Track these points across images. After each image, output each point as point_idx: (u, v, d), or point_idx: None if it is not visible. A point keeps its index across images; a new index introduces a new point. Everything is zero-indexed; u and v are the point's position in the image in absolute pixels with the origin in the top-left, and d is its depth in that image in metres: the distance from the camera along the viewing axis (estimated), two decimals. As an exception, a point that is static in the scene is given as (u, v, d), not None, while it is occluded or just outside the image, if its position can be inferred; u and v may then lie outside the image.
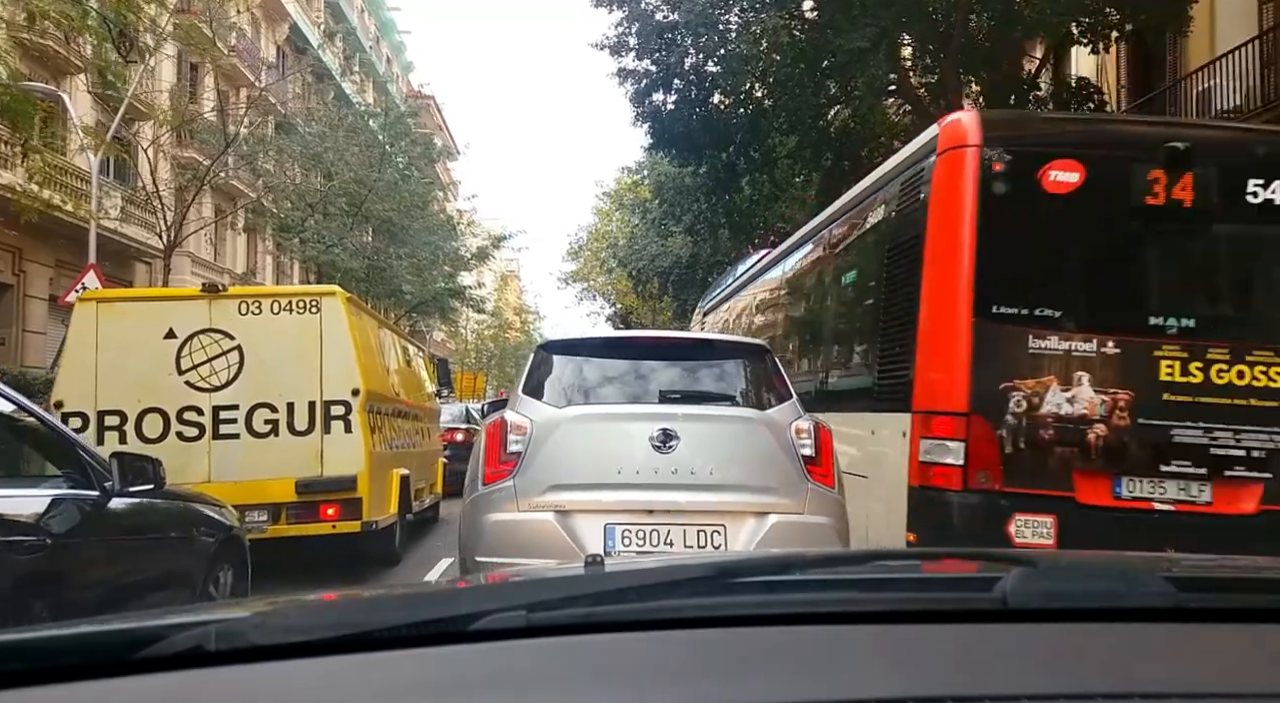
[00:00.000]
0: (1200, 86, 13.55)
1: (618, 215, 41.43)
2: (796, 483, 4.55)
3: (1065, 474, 4.90)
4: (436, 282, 28.70)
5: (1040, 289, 5.08)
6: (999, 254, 5.06)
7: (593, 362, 5.11)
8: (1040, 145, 5.18)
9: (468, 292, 32.71)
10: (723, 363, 5.21)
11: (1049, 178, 5.00)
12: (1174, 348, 4.95)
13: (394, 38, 47.90)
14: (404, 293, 26.97)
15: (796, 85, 12.05)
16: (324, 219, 22.48)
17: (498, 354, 54.59)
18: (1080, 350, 4.99)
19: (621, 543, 4.34)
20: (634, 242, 33.41)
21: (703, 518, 4.44)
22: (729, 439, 4.67)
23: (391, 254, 24.99)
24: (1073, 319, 5.00)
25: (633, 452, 4.51)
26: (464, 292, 32.02)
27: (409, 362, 10.46)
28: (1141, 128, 6.45)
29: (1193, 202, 4.96)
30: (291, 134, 23.83)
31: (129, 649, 0.94)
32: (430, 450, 10.90)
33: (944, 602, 1.11)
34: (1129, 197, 5.01)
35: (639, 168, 32.16)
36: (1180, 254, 5.23)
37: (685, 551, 4.31)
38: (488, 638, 0.95)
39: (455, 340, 50.92)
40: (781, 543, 4.37)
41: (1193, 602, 1.06)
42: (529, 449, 4.55)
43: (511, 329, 61.71)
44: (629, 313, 47.62)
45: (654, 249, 30.43)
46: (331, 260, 22.13)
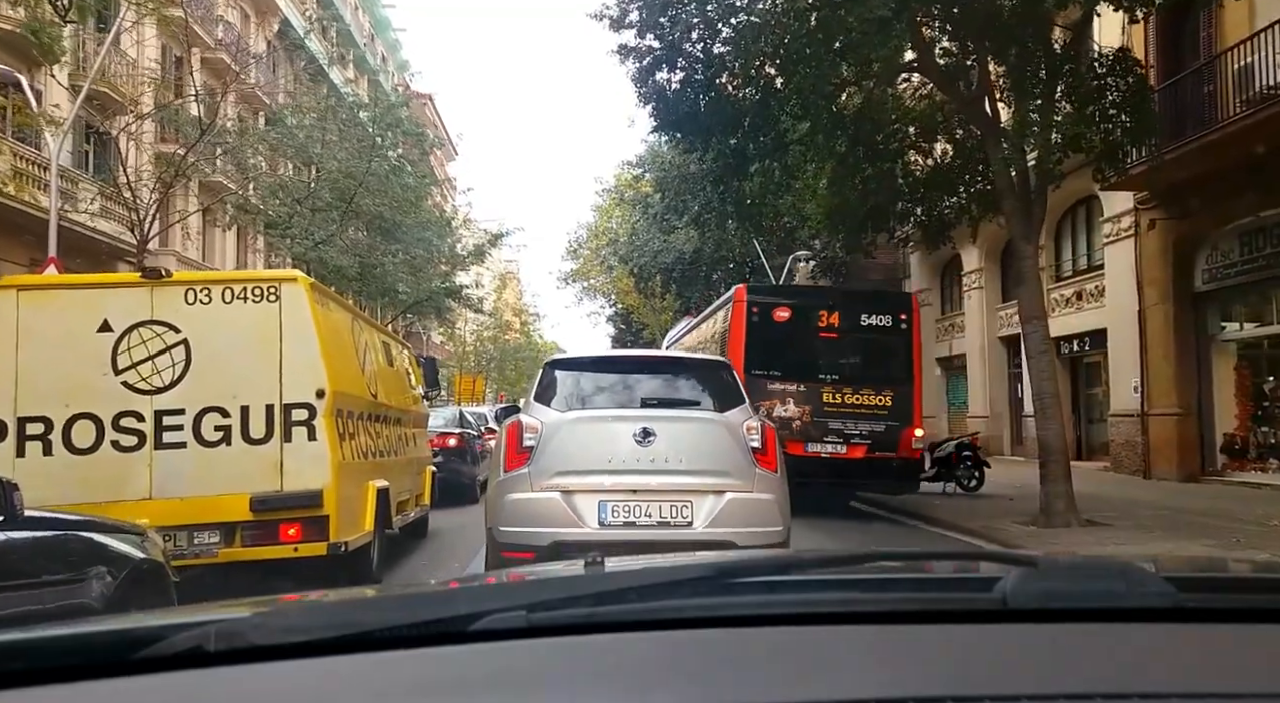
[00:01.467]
0: (1238, 63, 12.71)
1: (618, 212, 40.36)
2: (747, 468, 5.84)
3: (788, 440, 9.94)
4: (432, 281, 27.79)
5: (772, 360, 12.00)
6: (755, 345, 12.06)
7: (588, 375, 6.55)
8: (771, 299, 12.57)
9: (465, 292, 31.54)
10: (691, 375, 6.68)
11: (775, 314, 12.20)
12: (828, 387, 11.94)
13: (389, 35, 47.26)
14: (399, 293, 26.09)
15: (810, 63, 10.89)
16: (312, 215, 21.23)
17: (497, 356, 53.84)
18: (788, 388, 11.88)
19: (611, 515, 5.67)
20: (635, 238, 32.56)
21: (674, 496, 5.72)
22: (694, 435, 5.96)
23: (384, 252, 23.92)
24: (784, 374, 11.96)
25: (620, 445, 5.77)
26: (461, 291, 30.89)
27: (390, 360, 9.19)
28: (814, 294, 15.58)
29: (835, 325, 12.15)
30: (279, 126, 22.91)
31: (129, 649, 0.94)
32: (416, 458, 9.70)
33: (944, 602, 1.11)
34: (808, 322, 12.14)
35: (640, 162, 31.44)
36: (830, 347, 12.25)
37: (661, 520, 5.69)
38: (488, 638, 0.95)
39: (454, 343, 50.27)
40: (734, 513, 5.73)
41: (1193, 602, 1.06)
42: (539, 444, 5.82)
43: (511, 331, 61.11)
44: (629, 313, 46.48)
45: (656, 245, 29.55)
46: (321, 258, 20.94)
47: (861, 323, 12.16)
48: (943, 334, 26.22)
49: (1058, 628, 1.00)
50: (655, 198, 29.23)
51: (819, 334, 12.10)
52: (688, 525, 5.67)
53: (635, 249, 31.70)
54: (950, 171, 12.76)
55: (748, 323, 12.08)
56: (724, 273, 28.73)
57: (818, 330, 12.09)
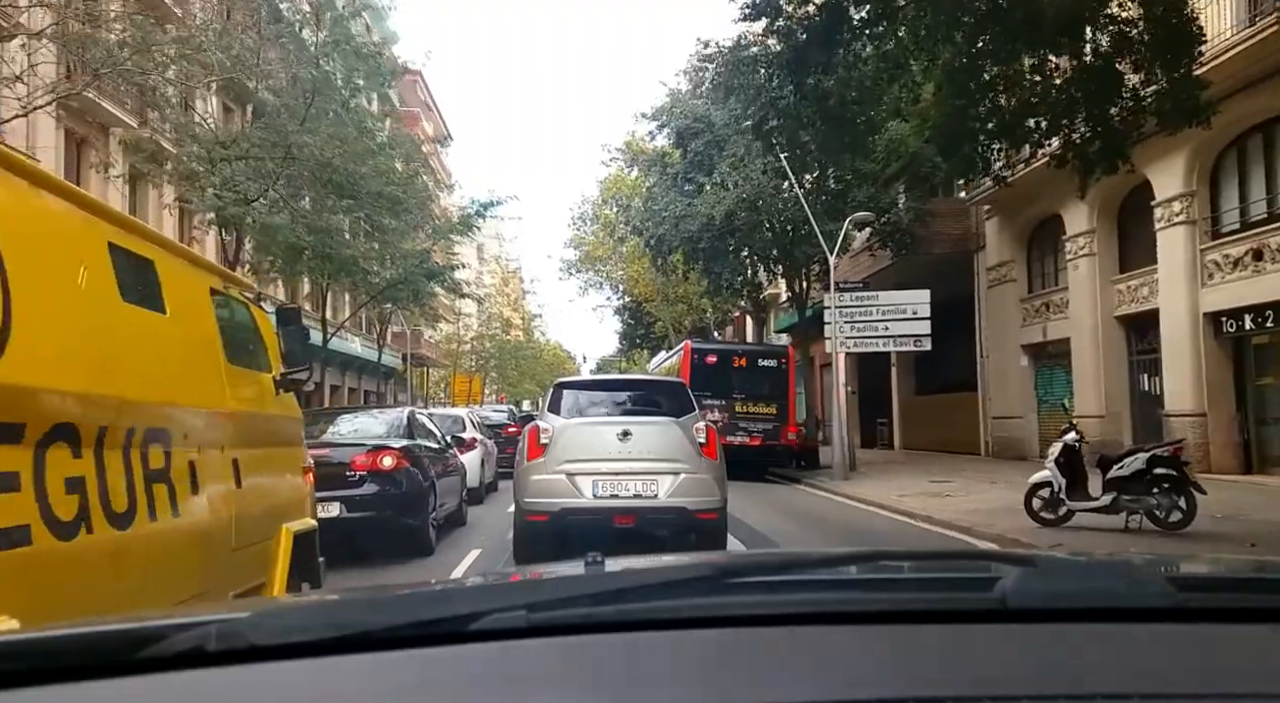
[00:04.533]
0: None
1: (632, 178, 34.63)
2: (695, 457, 8.28)
3: None
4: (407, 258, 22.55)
5: (705, 386, 17.49)
6: (695, 376, 18.52)
7: (585, 392, 9.36)
8: (705, 349, 21.46)
9: (446, 272, 25.62)
10: (658, 393, 9.50)
11: (707, 359, 20.39)
12: (738, 402, 19.72)
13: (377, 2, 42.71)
14: (366, 271, 21.13)
15: None
16: (243, 165, 16.20)
17: (496, 355, 51.33)
18: (715, 402, 18.54)
19: (601, 490, 8.06)
20: (652, 202, 26.46)
21: (645, 477, 8.10)
22: (659, 435, 8.37)
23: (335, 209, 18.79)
24: (713, 394, 18.54)
25: (607, 442, 8.23)
26: (442, 273, 25.01)
27: (193, 316, 4.30)
28: (730, 347, 24.35)
29: (743, 365, 20.37)
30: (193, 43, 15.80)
31: (129, 649, 0.94)
32: (259, 502, 4.71)
33: (944, 602, 1.11)
34: (727, 363, 20.40)
35: (658, 113, 25.33)
36: (739, 378, 20.03)
37: (635, 493, 8.06)
38: (488, 638, 0.95)
39: (449, 341, 47.97)
40: (685, 488, 8.13)
41: (1193, 602, 1.06)
42: (551, 441, 8.28)
43: (513, 327, 59.22)
44: (640, 305, 42.55)
45: (677, 209, 23.31)
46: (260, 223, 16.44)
47: (759, 364, 20.33)
48: (1031, 316, 21.22)
49: (1058, 628, 1.00)
50: (675, 155, 25.06)
51: (733, 370, 20.08)
52: (654, 497, 8.06)
53: (651, 217, 25.84)
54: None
55: (692, 364, 20.04)
56: (760, 242, 23.42)
57: (732, 368, 20.14)
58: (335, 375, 34.33)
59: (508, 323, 57.95)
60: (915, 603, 1.11)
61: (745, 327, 45.13)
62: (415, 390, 44.75)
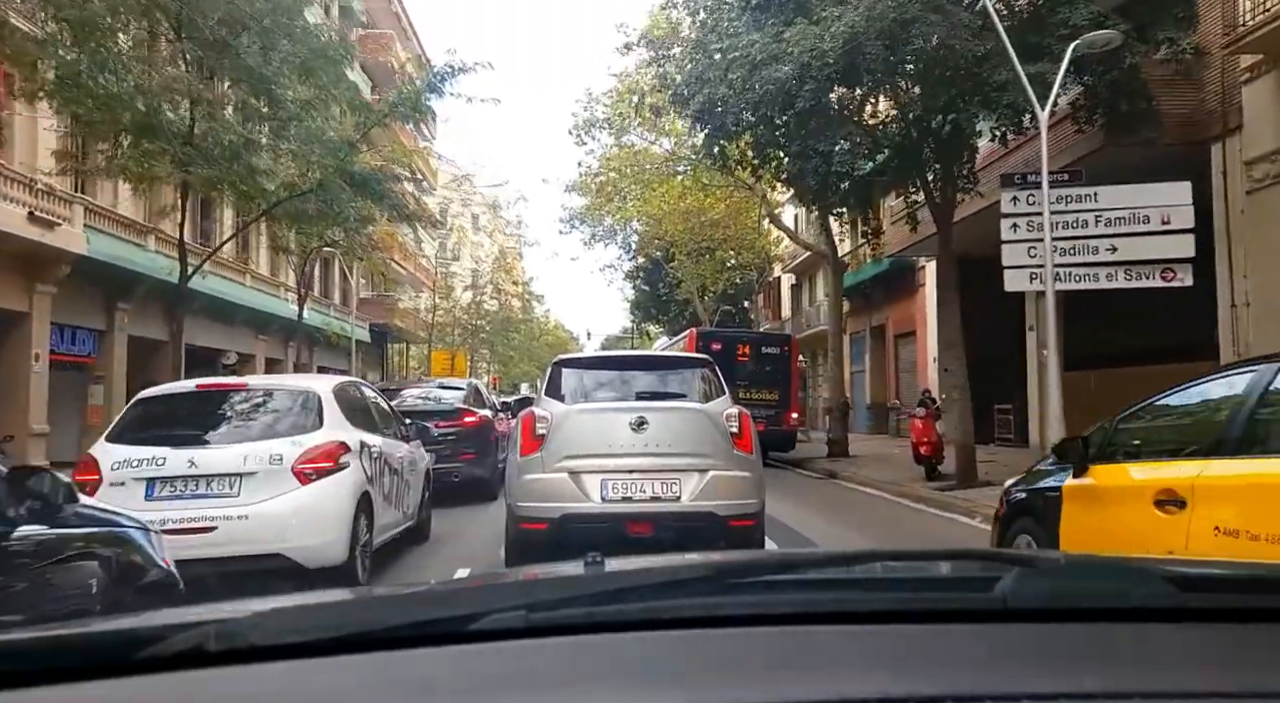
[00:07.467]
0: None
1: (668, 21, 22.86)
2: (726, 451, 6.67)
3: None
4: (319, 146, 14.73)
5: None
6: None
7: (591, 373, 7.47)
8: (710, 336, 21.58)
9: (383, 180, 17.59)
10: (679, 372, 7.63)
11: (712, 345, 18.70)
12: (741, 388, 17.52)
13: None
14: (253, 168, 14.09)
15: None
16: (103, 36, 11.97)
17: (486, 328, 44.20)
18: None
19: (612, 492, 6.48)
20: (704, 53, 15.08)
21: (664, 475, 6.51)
22: (681, 423, 6.75)
23: (203, 84, 13.76)
24: None
25: (618, 432, 6.57)
26: (376, 181, 16.50)
27: None
28: (734, 334, 24.07)
29: (747, 352, 20.59)
30: None
31: (129, 649, 0.94)
32: None
33: (944, 602, 1.11)
34: (732, 351, 19.89)
35: None
36: (743, 365, 19.83)
37: (653, 496, 6.47)
38: (488, 638, 0.95)
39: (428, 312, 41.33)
40: (715, 489, 6.53)
41: (1193, 602, 1.06)
42: (550, 432, 6.62)
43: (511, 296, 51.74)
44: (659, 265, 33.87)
45: (756, 54, 12.36)
46: (104, 91, 11.87)
47: (762, 352, 20.73)
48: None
49: (1058, 628, 1.00)
50: None
51: (737, 358, 19.87)
52: (676, 500, 6.49)
53: (706, 70, 14.27)
54: None
55: (697, 351, 18.81)
56: (910, 97, 13.43)
57: (736, 355, 19.91)
58: (245, 339, 24.53)
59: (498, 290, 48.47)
60: (915, 603, 1.11)
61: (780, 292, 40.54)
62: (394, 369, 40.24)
